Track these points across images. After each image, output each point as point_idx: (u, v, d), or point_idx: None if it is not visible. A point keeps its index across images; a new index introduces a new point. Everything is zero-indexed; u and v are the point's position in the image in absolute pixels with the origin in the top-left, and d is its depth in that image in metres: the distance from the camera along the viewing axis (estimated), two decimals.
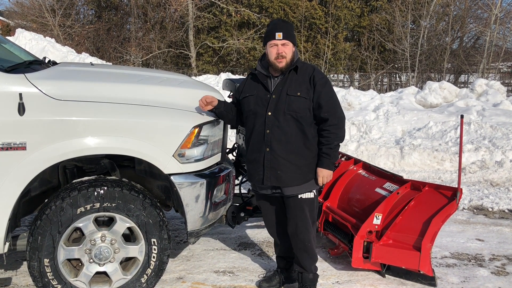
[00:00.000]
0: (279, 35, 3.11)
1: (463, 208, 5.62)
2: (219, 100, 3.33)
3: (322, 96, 3.13)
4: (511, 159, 7.25)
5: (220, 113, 3.35)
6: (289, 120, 3.12)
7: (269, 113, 3.14)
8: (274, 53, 3.13)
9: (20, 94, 2.77)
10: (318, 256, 3.52)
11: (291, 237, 3.34)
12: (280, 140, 3.13)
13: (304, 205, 3.23)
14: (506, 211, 5.59)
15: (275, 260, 4.02)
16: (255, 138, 3.21)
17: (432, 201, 3.67)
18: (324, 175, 3.20)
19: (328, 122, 3.12)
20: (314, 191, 3.27)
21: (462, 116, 3.63)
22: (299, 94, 3.12)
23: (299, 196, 3.21)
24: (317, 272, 3.45)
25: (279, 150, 3.14)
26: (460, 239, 4.62)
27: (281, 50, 3.12)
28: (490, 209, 5.62)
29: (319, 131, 3.19)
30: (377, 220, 3.67)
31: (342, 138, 3.20)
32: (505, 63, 23.28)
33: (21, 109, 2.77)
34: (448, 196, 3.65)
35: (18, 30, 14.27)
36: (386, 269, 3.74)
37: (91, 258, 3.06)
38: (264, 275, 3.73)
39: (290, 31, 3.17)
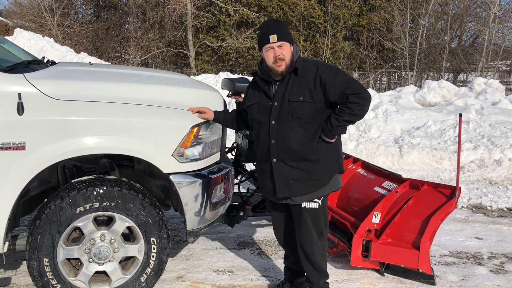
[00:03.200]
0: (273, 37, 2.88)
1: (462, 207, 5.63)
2: (215, 113, 3.24)
3: (336, 89, 2.86)
4: (510, 158, 7.27)
5: (219, 123, 3.31)
6: (293, 128, 2.91)
7: (273, 122, 2.95)
8: (271, 57, 2.91)
9: (19, 94, 2.77)
10: None
11: (298, 246, 3.17)
12: (287, 150, 2.94)
13: (306, 215, 3.03)
14: (505, 209, 5.60)
15: (274, 258, 4.04)
16: (261, 148, 3.05)
17: (431, 200, 3.68)
18: None
19: (348, 100, 2.85)
20: (319, 202, 3.03)
21: (460, 115, 3.63)
22: (301, 99, 2.89)
23: (302, 205, 3.02)
24: None
25: (288, 159, 2.95)
26: (459, 237, 4.62)
27: (278, 52, 2.89)
28: (489, 208, 5.62)
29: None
30: (376, 218, 3.67)
31: (357, 117, 2.90)
32: (504, 61, 23.30)
33: (20, 109, 2.77)
34: (447, 194, 3.66)
35: (17, 30, 14.24)
36: (385, 268, 3.75)
37: (91, 258, 3.06)
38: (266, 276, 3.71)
39: (284, 30, 2.94)
